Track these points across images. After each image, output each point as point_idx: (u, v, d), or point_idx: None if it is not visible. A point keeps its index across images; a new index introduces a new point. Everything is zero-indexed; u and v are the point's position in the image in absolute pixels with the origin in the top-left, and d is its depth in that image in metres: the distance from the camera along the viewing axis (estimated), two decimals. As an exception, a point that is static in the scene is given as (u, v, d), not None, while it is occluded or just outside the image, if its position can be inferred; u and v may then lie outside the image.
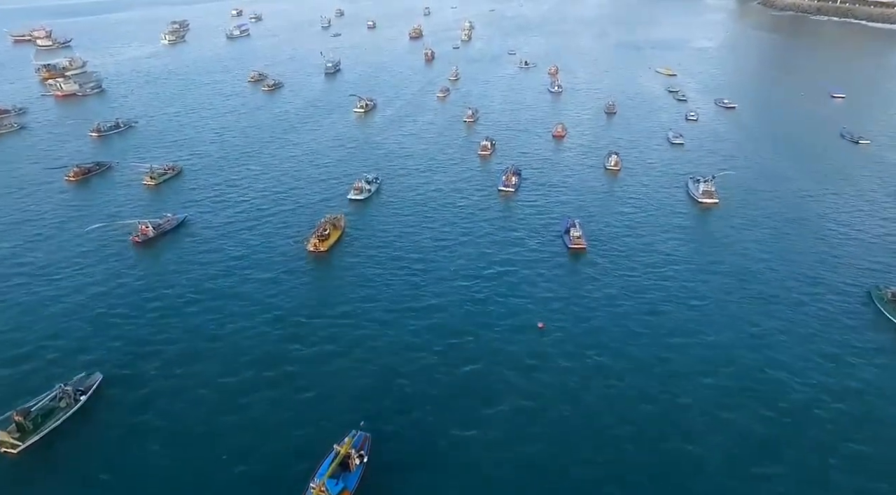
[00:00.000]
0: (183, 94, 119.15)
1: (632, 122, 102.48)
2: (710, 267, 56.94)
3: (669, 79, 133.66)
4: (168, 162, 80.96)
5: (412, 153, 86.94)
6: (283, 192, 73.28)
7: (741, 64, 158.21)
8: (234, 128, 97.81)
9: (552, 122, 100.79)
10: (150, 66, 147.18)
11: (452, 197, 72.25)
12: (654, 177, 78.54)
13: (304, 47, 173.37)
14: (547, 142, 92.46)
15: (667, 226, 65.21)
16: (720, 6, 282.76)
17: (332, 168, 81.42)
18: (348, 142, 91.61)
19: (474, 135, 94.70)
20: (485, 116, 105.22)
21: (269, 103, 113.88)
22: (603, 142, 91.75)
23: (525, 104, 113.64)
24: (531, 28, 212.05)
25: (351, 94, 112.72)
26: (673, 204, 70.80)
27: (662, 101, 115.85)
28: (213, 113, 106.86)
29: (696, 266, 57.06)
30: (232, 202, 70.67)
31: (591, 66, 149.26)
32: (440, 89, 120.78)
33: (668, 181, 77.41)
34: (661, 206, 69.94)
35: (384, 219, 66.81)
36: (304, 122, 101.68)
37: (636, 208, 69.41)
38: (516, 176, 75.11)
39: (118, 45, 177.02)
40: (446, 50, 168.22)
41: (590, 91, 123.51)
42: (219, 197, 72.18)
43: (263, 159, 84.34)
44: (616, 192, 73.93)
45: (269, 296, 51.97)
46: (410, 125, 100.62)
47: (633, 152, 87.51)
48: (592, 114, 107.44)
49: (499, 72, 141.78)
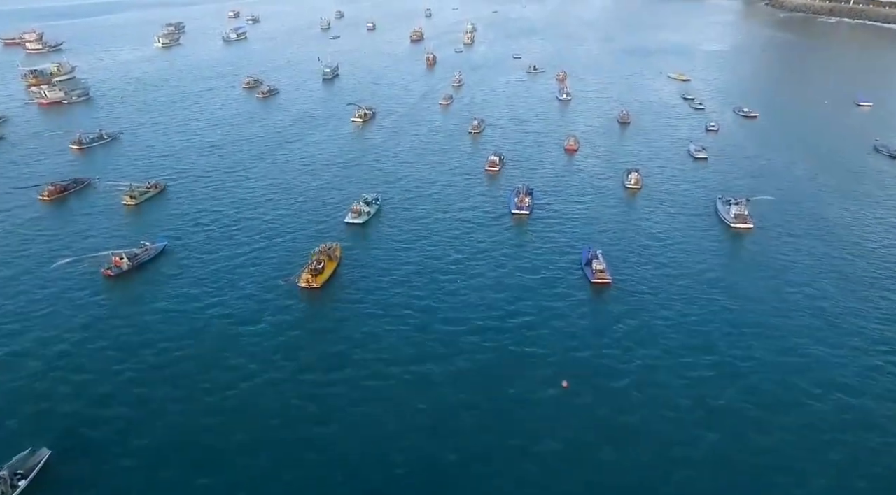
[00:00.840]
0: (173, 102, 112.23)
1: (648, 134, 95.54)
2: (754, 309, 49.95)
3: (683, 84, 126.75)
4: (151, 179, 74.13)
5: (414, 169, 79.99)
6: (275, 215, 66.39)
7: (756, 68, 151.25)
8: (224, 141, 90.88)
9: (563, 133, 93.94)
10: (141, 71, 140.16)
11: (459, 220, 65.36)
12: (678, 197, 71.61)
13: (302, 51, 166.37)
14: (559, 156, 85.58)
15: (697, 255, 58.37)
16: (725, 7, 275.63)
17: (328, 187, 74.50)
18: (345, 157, 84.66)
19: (481, 149, 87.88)
20: (491, 127, 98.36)
21: (263, 112, 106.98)
22: (619, 157, 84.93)
23: (533, 113, 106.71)
24: (535, 31, 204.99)
25: (349, 103, 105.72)
26: (702, 228, 63.92)
27: (678, 110, 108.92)
28: (203, 123, 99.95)
29: (736, 305, 50.14)
30: (218, 226, 63.78)
31: (600, 70, 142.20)
32: (443, 97, 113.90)
33: (694, 201, 70.47)
34: (689, 231, 63.03)
35: (384, 246, 59.94)
36: (298, 134, 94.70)
37: (662, 233, 62.54)
38: (529, 196, 68.26)
39: (110, 48, 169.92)
40: (448, 54, 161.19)
41: (600, 99, 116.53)
42: (204, 219, 65.29)
43: (254, 176, 77.41)
44: (638, 215, 67.05)
45: (253, 345, 45.16)
46: (412, 137, 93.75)
47: (653, 168, 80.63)
48: (605, 124, 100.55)
49: (504, 77, 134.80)
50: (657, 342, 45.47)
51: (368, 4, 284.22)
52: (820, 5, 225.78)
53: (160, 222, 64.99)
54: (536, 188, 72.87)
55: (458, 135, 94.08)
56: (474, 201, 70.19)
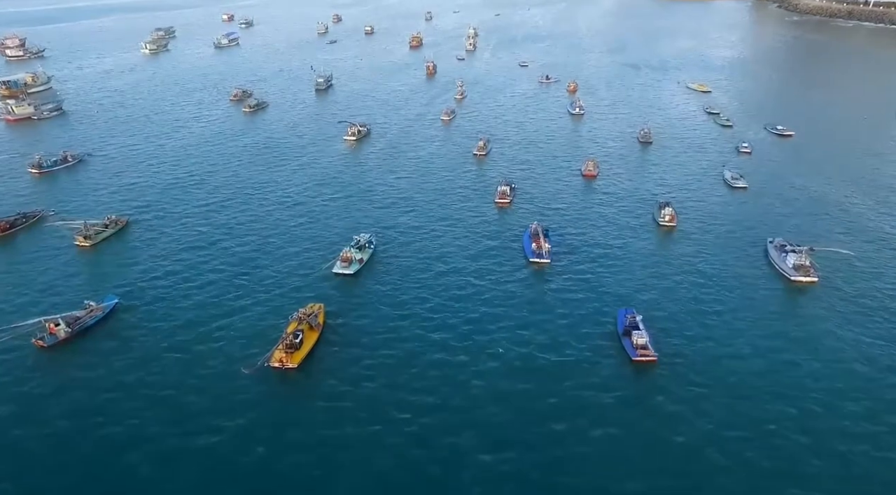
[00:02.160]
0: (152, 118, 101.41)
1: (674, 156, 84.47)
2: (842, 410, 39.31)
3: (704, 96, 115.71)
4: (112, 214, 63.50)
5: (414, 202, 69.09)
6: (250, 264, 55.60)
7: (779, 78, 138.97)
8: (202, 165, 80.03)
9: (579, 155, 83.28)
10: (123, 81, 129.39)
11: (468, 270, 54.53)
12: (720, 238, 60.75)
13: (296, 58, 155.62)
14: (576, 184, 74.72)
15: (754, 318, 47.69)
16: (733, 9, 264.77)
17: (314, 224, 63.71)
18: (335, 185, 73.57)
19: (488, 174, 77.22)
20: (498, 147, 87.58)
21: (248, 129, 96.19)
22: (644, 184, 74.22)
23: (544, 131, 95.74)
24: (541, 37, 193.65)
25: (340, 121, 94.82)
26: (754, 280, 53.10)
27: (704, 127, 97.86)
28: (182, 142, 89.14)
29: (820, 406, 39.47)
30: (180, 278, 53.06)
31: (613, 81, 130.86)
32: (444, 111, 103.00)
33: (740, 244, 59.54)
34: (740, 286, 52.02)
35: (377, 311, 49.06)
36: (285, 156, 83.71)
37: (708, 289, 51.65)
38: (546, 239, 57.51)
39: (94, 55, 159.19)
40: (450, 61, 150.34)
41: (616, 113, 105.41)
42: (165, 269, 54.64)
43: (230, 211, 66.56)
44: (678, 262, 56.14)
45: (210, 454, 34.68)
46: (410, 159, 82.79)
47: (685, 198, 69.92)
48: (625, 144, 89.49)
49: (510, 89, 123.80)
50: (717, 443, 35.00)
51: (368, 8, 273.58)
52: (836, 8, 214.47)
53: (115, 271, 54.42)
54: (554, 225, 62.31)
55: (461, 158, 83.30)
56: (484, 244, 59.43)
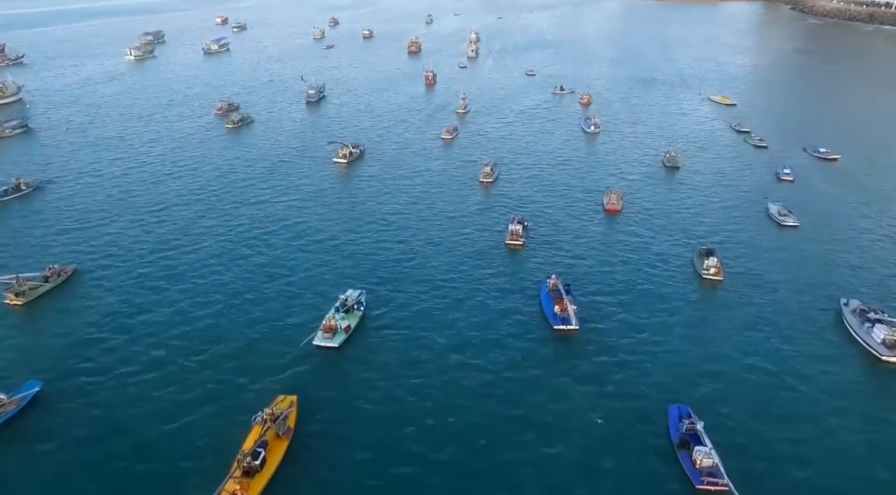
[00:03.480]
0: (125, 137, 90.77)
1: (708, 185, 73.60)
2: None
3: (729, 110, 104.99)
4: (55, 263, 53.20)
5: (412, 246, 58.42)
6: (210, 333, 45.04)
7: (807, 88, 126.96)
8: (170, 197, 69.23)
9: (598, 183, 72.88)
10: (100, 92, 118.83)
11: (479, 346, 43.94)
12: (779, 296, 49.89)
13: (289, 66, 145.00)
14: (598, 222, 63.99)
15: (848, 424, 37.30)
16: (742, 12, 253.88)
17: (294, 276, 52.83)
18: (321, 224, 62.61)
19: (496, 207, 66.74)
20: (506, 173, 76.96)
21: (230, 150, 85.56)
22: (678, 222, 63.64)
23: (557, 153, 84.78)
24: (547, 42, 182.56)
25: (330, 142, 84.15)
26: (833, 360, 42.55)
27: (735, 148, 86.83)
28: (153, 168, 78.27)
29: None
30: (123, 354, 42.63)
31: (628, 92, 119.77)
32: (446, 129, 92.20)
33: (804, 305, 48.73)
34: (816, 370, 41.42)
35: (366, 399, 38.93)
36: (266, 185, 72.79)
37: (778, 374, 41.11)
38: (570, 297, 47.16)
39: (76, 62, 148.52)
40: (451, 69, 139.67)
41: (635, 132, 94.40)
42: (108, 339, 44.26)
43: (195, 258, 55.80)
44: (733, 333, 45.35)
45: None
46: (408, 188, 72.08)
47: (727, 238, 59.42)
48: (649, 170, 78.58)
49: (517, 101, 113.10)
50: None
51: (367, 10, 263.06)
52: (856, 10, 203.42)
53: (45, 343, 44.17)
54: (577, 276, 51.99)
55: (466, 187, 72.74)
56: (495, 304, 48.93)
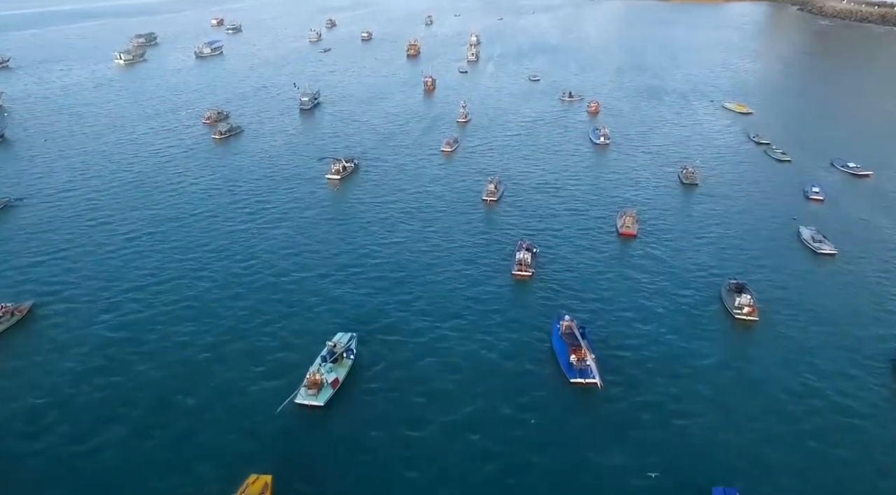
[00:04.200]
0: (105, 149, 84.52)
1: (730, 205, 67.13)
2: None
3: (745, 119, 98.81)
4: (8, 302, 47.19)
5: (410, 278, 52.01)
6: (171, 398, 38.98)
7: (826, 94, 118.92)
8: (145, 224, 62.24)
9: (610, 202, 66.88)
10: (85, 99, 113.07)
11: (483, 393, 38.14)
12: (823, 342, 43.70)
13: (283, 70, 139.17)
14: (612, 248, 57.61)
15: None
16: (749, 13, 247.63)
17: (273, 321, 46.52)
18: (308, 252, 56.42)
19: (501, 230, 60.75)
20: (511, 190, 71.08)
21: (215, 165, 79.48)
22: (701, 248, 57.48)
23: (564, 168, 78.61)
24: (551, 46, 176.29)
25: (321, 158, 78.03)
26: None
27: (756, 162, 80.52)
28: (129, 187, 71.76)
29: None
30: (67, 425, 36.61)
31: (637, 99, 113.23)
32: (446, 141, 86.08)
33: (853, 352, 42.33)
34: (883, 431, 35.95)
35: (358, 460, 33.02)
36: (251, 208, 65.95)
37: (824, 433, 35.44)
38: (586, 342, 41.18)
39: (62, 66, 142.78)
40: (451, 75, 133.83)
41: (647, 143, 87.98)
42: (54, 402, 38.32)
43: (163, 299, 48.74)
44: (780, 392, 39.12)
45: None
46: (404, 211, 65.35)
47: (757, 268, 53.25)
48: (664, 187, 72.33)
49: (521, 109, 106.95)
50: None
51: (366, 11, 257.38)
52: (867, 11, 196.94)
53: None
54: (592, 315, 46.10)
55: (468, 206, 66.65)
56: (503, 348, 42.91)
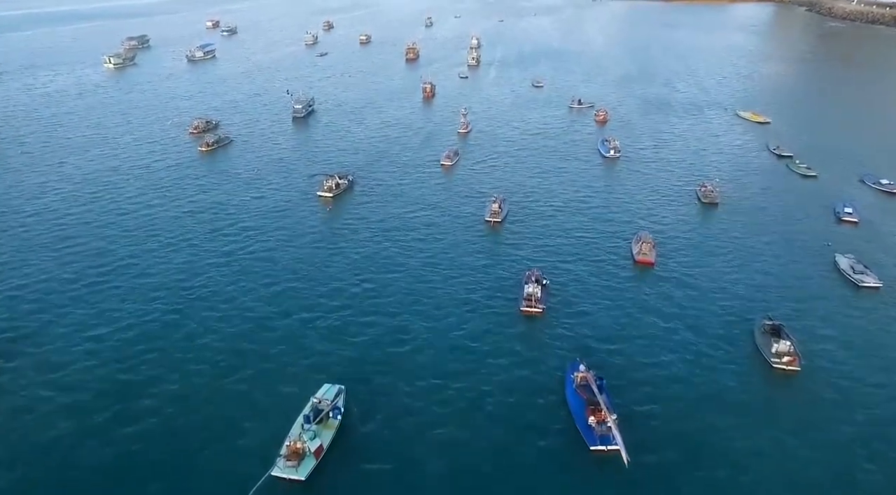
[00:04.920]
0: (82, 164, 78.85)
1: (756, 226, 61.25)
2: None
3: (761, 129, 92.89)
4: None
5: (405, 321, 46.11)
6: (134, 471, 33.69)
7: (843, 103, 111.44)
8: (118, 252, 56.67)
9: (624, 225, 61.19)
10: (68, 106, 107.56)
11: (489, 463, 32.63)
12: (874, 389, 38.30)
13: (277, 76, 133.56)
14: (628, 278, 51.90)
15: None
16: (754, 15, 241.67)
17: (250, 375, 40.47)
18: (293, 290, 50.15)
19: (507, 256, 55.18)
20: (517, 209, 65.35)
21: (198, 181, 73.69)
22: (725, 276, 51.53)
23: (573, 185, 72.41)
24: (553, 49, 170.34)
25: (313, 175, 72.30)
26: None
27: (778, 178, 74.29)
28: (107, 208, 66.12)
29: None
30: None
31: (647, 107, 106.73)
32: (446, 154, 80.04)
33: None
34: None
35: None
36: (233, 235, 59.89)
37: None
38: (604, 396, 35.56)
39: (50, 70, 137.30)
40: (451, 80, 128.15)
41: (660, 157, 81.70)
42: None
43: (126, 351, 42.84)
44: (826, 451, 34.16)
45: None
46: (401, 236, 59.52)
47: (794, 307, 47.47)
48: (682, 206, 66.32)
49: (525, 117, 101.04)
50: None
51: (365, 12, 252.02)
52: (878, 13, 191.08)
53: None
54: (609, 360, 40.53)
55: (470, 231, 60.69)
56: (512, 402, 37.18)
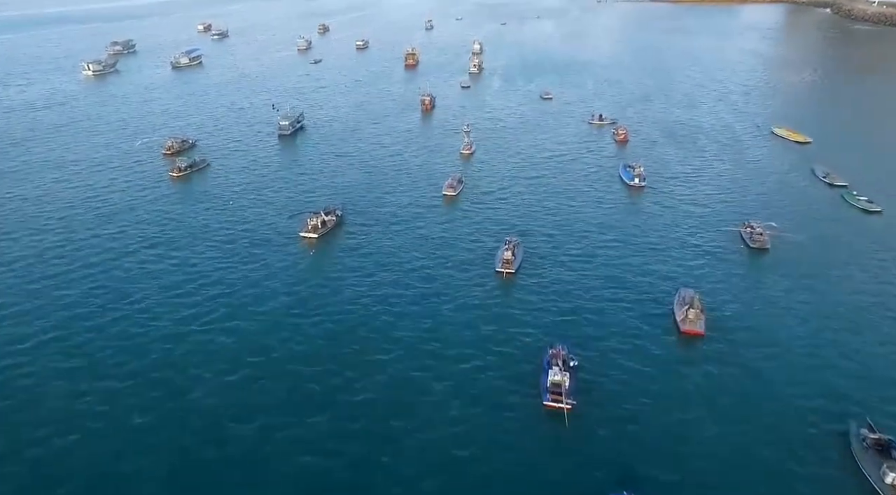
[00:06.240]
0: (43, 194, 69.24)
1: (822, 282, 50.38)
2: None
3: (803, 150, 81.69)
4: None
5: (391, 430, 36.34)
6: None
7: (889, 118, 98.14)
8: (70, 305, 47.83)
9: (660, 279, 50.73)
10: (38, 121, 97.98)
11: None
12: None
13: (266, 85, 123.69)
14: (673, 355, 41.69)
15: None
16: (770, 16, 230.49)
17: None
18: (257, 390, 39.77)
19: (522, 323, 44.99)
20: (531, 254, 55.07)
21: (164, 216, 63.60)
22: (799, 359, 41.14)
23: (595, 222, 61.49)
24: (560, 56, 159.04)
25: (291, 216, 61.62)
26: None
27: (833, 212, 63.05)
28: (42, 254, 56.51)
29: None
30: None
31: (669, 123, 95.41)
32: (448, 183, 69.22)
33: None
34: None
35: None
36: (189, 291, 49.48)
37: None
38: None
39: (23, 80, 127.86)
40: (452, 90, 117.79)
41: (691, 186, 70.70)
42: None
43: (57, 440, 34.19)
44: None
45: None
46: (399, 293, 49.14)
47: (871, 392, 37.79)
48: (728, 253, 55.04)
49: (534, 135, 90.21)
50: None
51: (364, 14, 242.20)
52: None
53: None
54: (660, 479, 30.65)
55: (478, 288, 49.85)
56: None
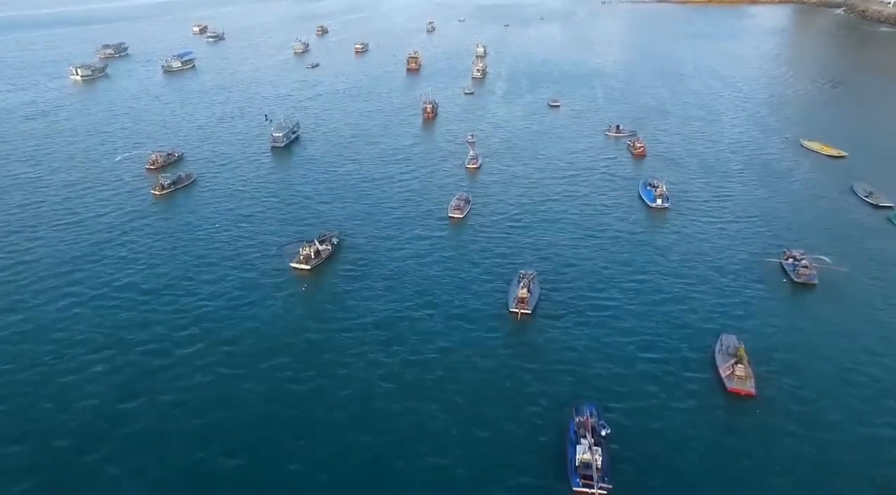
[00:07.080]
0: (12, 219, 63.46)
1: (877, 322, 44.43)
2: None
3: (837, 165, 75.47)
4: None
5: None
6: None
7: None
8: (27, 350, 42.18)
9: (699, 326, 44.72)
10: (13, 131, 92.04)
11: None
12: None
13: (260, 91, 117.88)
14: (721, 420, 35.68)
15: None
16: (779, 19, 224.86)
17: None
18: (250, 426, 34.14)
19: (542, 377, 39.04)
20: (548, 293, 49.07)
21: (141, 242, 57.48)
22: (867, 425, 35.55)
23: (616, 251, 55.31)
24: (566, 60, 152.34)
25: (282, 246, 55.25)
26: None
27: (879, 238, 56.39)
28: (20, 283, 51.28)
29: None
30: None
31: (690, 134, 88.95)
32: (454, 204, 63.08)
33: None
34: None
35: None
36: (155, 343, 43.47)
37: None
38: None
39: (8, 85, 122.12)
40: (455, 96, 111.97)
41: (720, 208, 64.37)
42: None
43: None
44: None
45: None
46: (402, 337, 43.02)
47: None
48: (770, 290, 49.01)
49: (543, 147, 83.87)
50: None
51: (364, 15, 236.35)
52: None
53: None
54: None
55: (492, 328, 44.35)
56: None
